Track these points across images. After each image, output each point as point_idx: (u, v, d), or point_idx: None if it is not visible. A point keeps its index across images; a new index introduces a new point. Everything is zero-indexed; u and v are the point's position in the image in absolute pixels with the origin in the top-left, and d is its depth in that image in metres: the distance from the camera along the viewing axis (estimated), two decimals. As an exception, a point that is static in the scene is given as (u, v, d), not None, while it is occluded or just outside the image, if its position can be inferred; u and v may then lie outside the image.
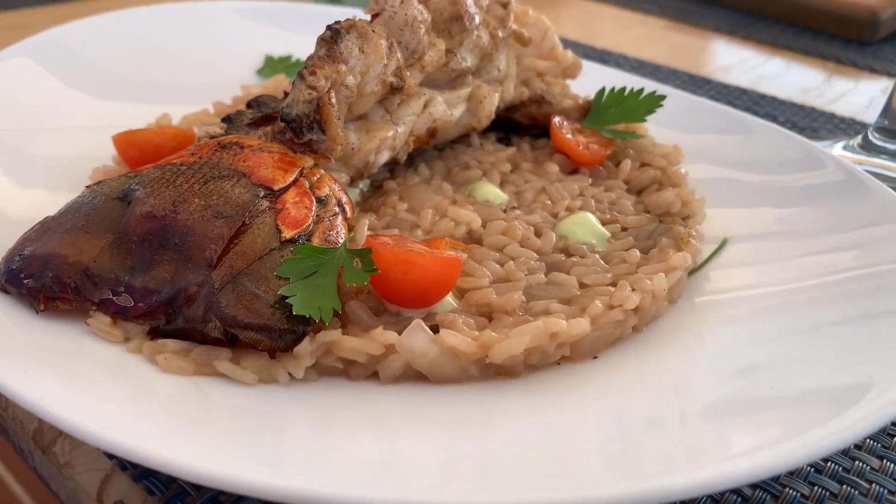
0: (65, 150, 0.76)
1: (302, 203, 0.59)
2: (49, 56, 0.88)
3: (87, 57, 0.91)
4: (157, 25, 1.00)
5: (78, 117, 0.81)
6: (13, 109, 0.78)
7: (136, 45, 0.97)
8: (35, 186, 0.70)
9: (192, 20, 1.04)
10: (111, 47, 0.94)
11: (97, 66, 0.91)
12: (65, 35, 0.92)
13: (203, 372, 0.52)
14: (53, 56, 0.89)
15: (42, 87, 0.84)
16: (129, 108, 0.85)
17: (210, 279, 0.53)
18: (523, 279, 0.61)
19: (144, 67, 0.94)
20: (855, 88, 1.25)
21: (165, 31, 1.00)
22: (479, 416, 0.53)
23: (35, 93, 0.83)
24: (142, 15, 1.02)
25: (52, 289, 0.54)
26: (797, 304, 0.63)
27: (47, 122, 0.80)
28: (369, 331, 0.54)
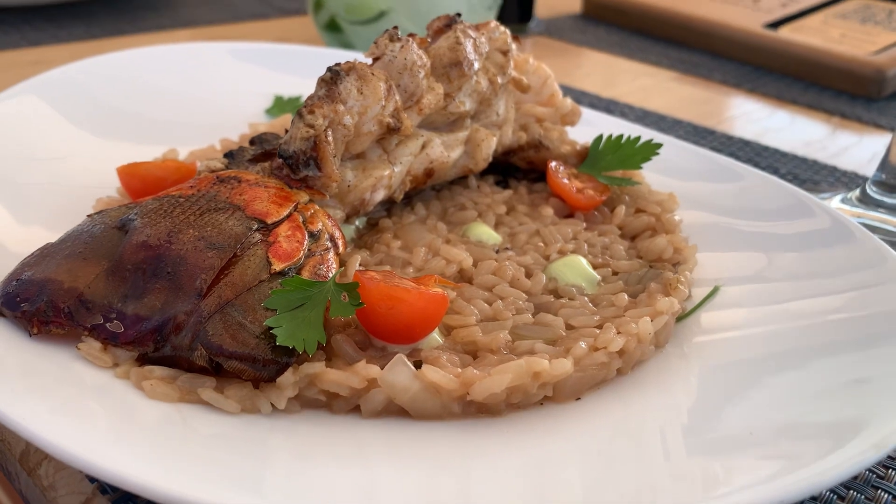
0: (72, 180, 0.78)
1: (294, 237, 0.60)
2: (67, 91, 0.91)
3: (104, 93, 0.94)
4: (171, 65, 1.03)
5: (88, 151, 0.84)
6: (25, 142, 0.81)
7: (150, 82, 1.00)
8: (41, 214, 0.72)
9: (204, 61, 1.07)
10: (126, 85, 0.97)
11: (112, 103, 0.93)
12: (80, 72, 0.95)
13: (187, 399, 0.53)
14: (71, 92, 0.91)
15: (50, 123, 0.86)
16: (140, 144, 0.88)
17: (199, 308, 0.54)
18: (510, 319, 0.62)
19: (157, 105, 0.96)
20: (858, 143, 1.25)
21: (179, 70, 1.03)
22: (460, 452, 0.53)
23: (50, 127, 0.85)
24: (156, 54, 1.05)
25: (45, 313, 0.56)
26: (784, 348, 0.63)
27: (59, 154, 0.82)
28: (353, 364, 0.55)
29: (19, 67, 1.20)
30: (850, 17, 1.68)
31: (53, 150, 0.82)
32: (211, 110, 0.99)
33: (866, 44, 1.55)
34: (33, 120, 0.85)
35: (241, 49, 1.10)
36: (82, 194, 0.75)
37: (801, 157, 1.16)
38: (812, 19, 1.68)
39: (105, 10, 1.53)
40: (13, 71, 1.18)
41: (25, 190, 0.74)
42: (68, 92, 0.91)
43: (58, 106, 0.88)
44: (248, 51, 1.10)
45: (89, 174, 0.79)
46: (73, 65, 0.96)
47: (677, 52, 1.66)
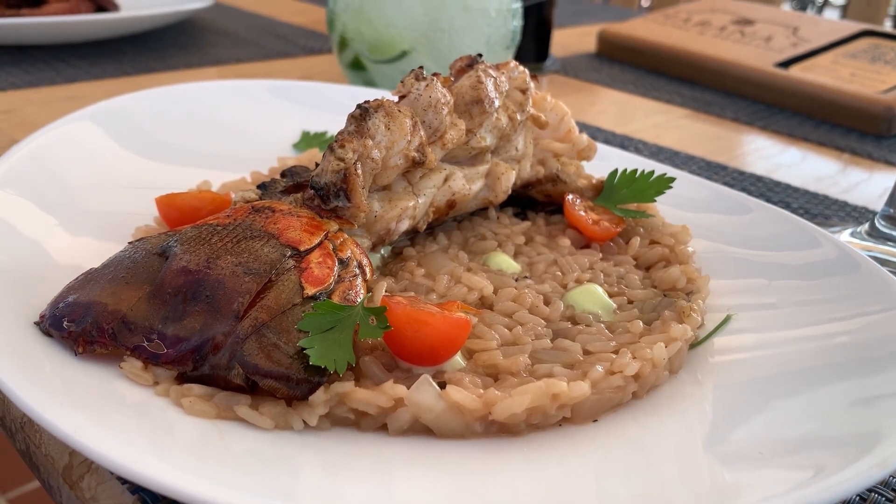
0: (112, 207, 0.82)
1: (325, 263, 0.63)
2: (108, 122, 0.95)
3: (148, 126, 0.98)
4: (205, 100, 1.08)
5: (126, 179, 0.88)
6: (72, 167, 0.85)
7: (184, 116, 1.04)
8: (84, 238, 0.76)
9: (236, 97, 1.11)
10: (167, 118, 1.01)
11: (154, 136, 0.98)
12: (124, 104, 0.99)
13: (224, 416, 0.56)
14: (112, 122, 0.96)
15: (98, 149, 0.90)
16: (176, 174, 0.92)
17: (236, 330, 0.57)
18: (529, 343, 0.64)
19: (193, 137, 1.01)
20: (869, 179, 1.28)
21: (212, 105, 1.07)
22: (482, 470, 0.56)
23: (91, 154, 0.89)
24: (191, 90, 1.10)
25: (90, 333, 0.59)
26: (793, 371, 0.65)
27: (100, 181, 0.86)
28: (380, 384, 0.58)
29: (56, 102, 1.25)
30: (859, 57, 1.72)
31: (98, 179, 0.86)
32: (242, 144, 1.03)
33: (876, 82, 1.58)
34: (82, 148, 0.89)
35: (275, 86, 1.15)
36: (122, 221, 0.78)
37: (812, 193, 1.18)
38: (822, 59, 1.72)
39: (134, 47, 1.59)
40: (51, 106, 1.23)
41: (69, 213, 0.78)
42: (114, 124, 0.96)
43: (103, 137, 0.92)
44: (281, 88, 1.15)
45: (128, 202, 0.83)
46: (124, 97, 1.00)
47: (689, 91, 1.70)
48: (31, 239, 0.73)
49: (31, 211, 0.77)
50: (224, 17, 1.90)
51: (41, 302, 0.65)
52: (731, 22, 1.92)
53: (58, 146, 0.87)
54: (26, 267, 0.70)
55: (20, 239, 0.73)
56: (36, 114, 1.20)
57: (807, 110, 1.58)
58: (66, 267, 0.71)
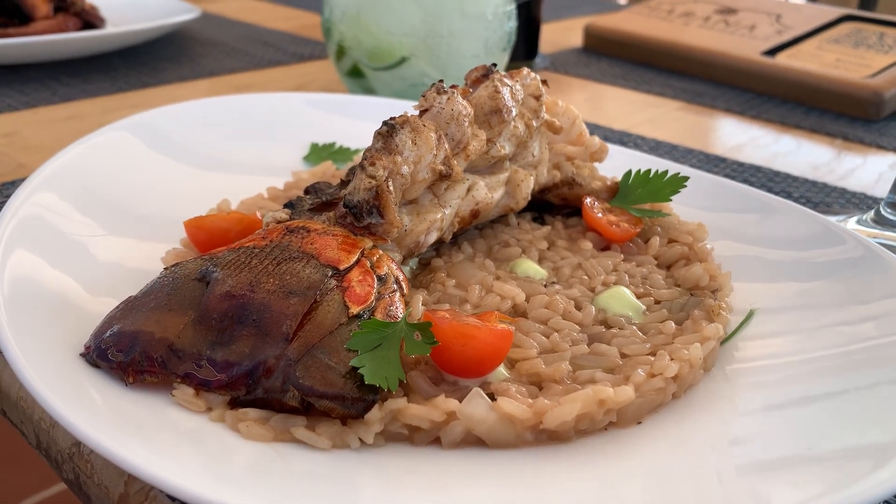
0: (136, 231, 0.82)
1: (365, 281, 0.64)
2: (125, 145, 0.96)
3: (161, 144, 0.99)
4: (206, 117, 1.08)
5: (146, 202, 0.88)
6: (90, 191, 0.85)
7: (187, 134, 1.04)
8: (112, 265, 0.76)
9: (239, 111, 1.11)
10: (177, 136, 1.01)
11: (166, 154, 0.98)
12: (127, 128, 0.99)
13: (281, 438, 0.57)
14: (128, 145, 0.96)
15: (111, 173, 0.90)
16: (190, 194, 0.92)
17: (287, 352, 0.58)
18: (568, 350, 0.66)
19: (202, 155, 1.01)
20: (864, 164, 1.31)
21: (214, 122, 1.07)
22: (534, 478, 0.57)
23: (113, 177, 0.89)
24: (191, 108, 1.09)
25: (140, 363, 0.60)
26: (823, 371, 0.67)
27: (116, 208, 0.86)
28: (430, 399, 0.59)
29: (56, 123, 1.25)
30: (842, 42, 1.75)
31: (113, 206, 0.86)
32: (251, 159, 1.03)
33: (861, 67, 1.61)
34: (100, 169, 0.89)
35: (279, 98, 1.15)
36: (147, 246, 0.79)
37: (811, 181, 1.21)
38: (807, 45, 1.75)
39: (125, 62, 1.58)
40: (52, 127, 1.23)
41: (97, 242, 0.78)
42: (126, 146, 0.96)
43: (113, 161, 0.92)
44: (284, 99, 1.15)
45: (151, 226, 0.83)
46: (119, 123, 1.00)
47: (679, 82, 1.72)
48: (61, 269, 0.73)
49: (57, 239, 0.77)
50: (210, 27, 1.90)
51: (81, 331, 0.66)
52: (714, 12, 1.94)
53: (72, 172, 0.87)
54: (62, 296, 0.70)
55: (50, 269, 0.73)
56: (38, 136, 1.19)
57: (796, 97, 1.60)
58: (100, 294, 0.72)
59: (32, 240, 0.74)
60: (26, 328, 0.63)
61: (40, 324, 0.65)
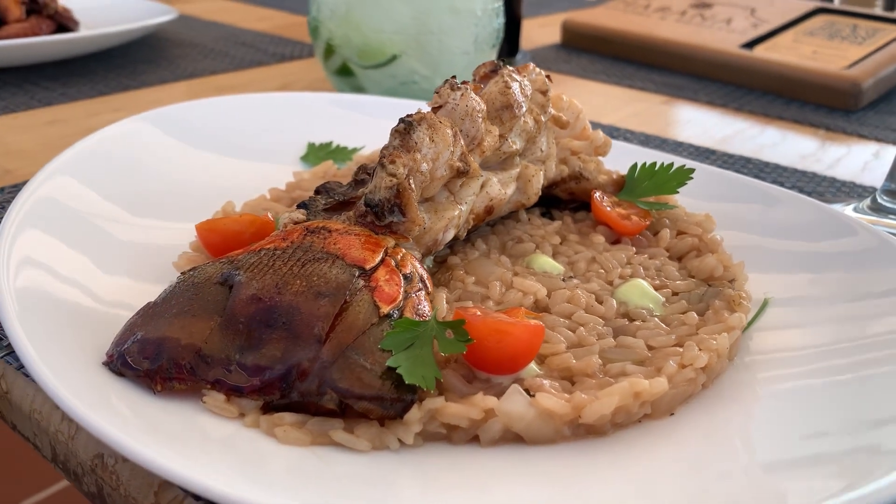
0: (142, 237, 0.81)
1: (393, 280, 0.63)
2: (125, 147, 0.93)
3: (161, 147, 0.96)
4: (194, 120, 1.05)
5: (154, 204, 0.86)
6: (98, 196, 0.83)
7: (179, 137, 1.02)
8: (119, 274, 0.74)
9: (228, 112, 1.09)
10: (176, 138, 0.99)
11: (166, 158, 0.96)
12: (114, 136, 0.97)
13: (319, 441, 0.56)
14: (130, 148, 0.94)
15: (110, 177, 0.88)
16: (193, 197, 0.90)
17: (321, 354, 0.57)
18: (596, 343, 0.66)
19: (192, 159, 0.99)
20: (848, 154, 1.33)
21: (204, 124, 1.05)
22: (573, 473, 0.57)
23: (107, 183, 0.87)
24: (176, 112, 1.06)
25: (168, 370, 0.58)
26: (842, 363, 0.68)
27: (119, 213, 0.84)
28: (466, 397, 0.59)
29: (38, 128, 1.22)
30: (817, 34, 1.78)
31: (115, 210, 0.84)
32: (246, 161, 1.02)
33: (837, 59, 1.64)
34: (90, 176, 0.87)
35: (268, 98, 1.14)
36: (155, 251, 0.77)
37: (801, 171, 1.23)
38: (783, 38, 1.77)
39: (102, 65, 1.55)
40: (34, 132, 1.20)
41: (103, 249, 0.77)
42: (117, 153, 0.93)
43: (114, 164, 0.90)
44: (274, 99, 1.14)
45: (157, 230, 0.82)
46: (113, 127, 0.98)
47: (660, 77, 1.73)
48: (70, 275, 0.71)
49: (61, 248, 0.75)
50: (186, 28, 1.86)
51: (97, 338, 0.64)
52: (689, 6, 1.96)
53: (74, 176, 0.85)
54: (73, 305, 0.68)
55: (60, 278, 0.71)
56: (21, 141, 1.16)
57: (775, 89, 1.63)
58: (111, 299, 0.70)
59: (38, 244, 0.72)
60: (43, 338, 0.61)
61: (55, 332, 0.63)
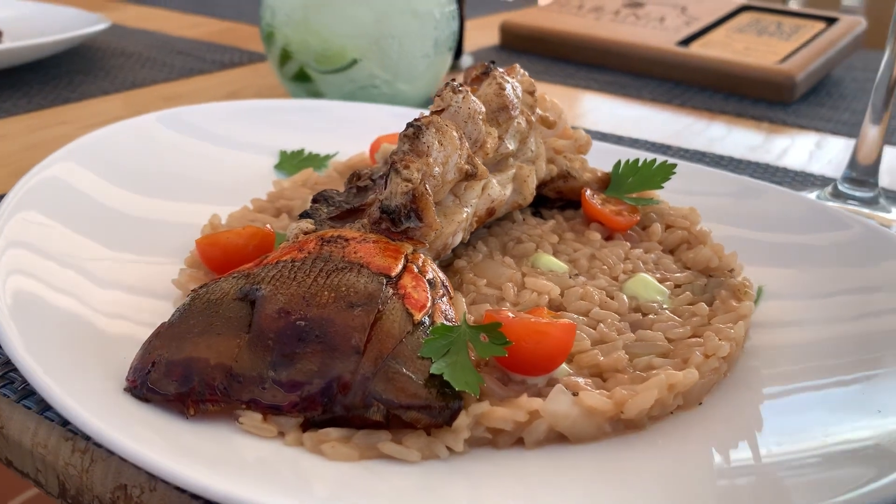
0: (128, 253, 0.77)
1: (420, 286, 0.62)
2: (89, 162, 0.89)
3: (124, 162, 0.92)
4: (156, 134, 1.02)
5: (129, 220, 0.83)
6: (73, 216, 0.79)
7: (144, 153, 0.98)
8: (114, 290, 0.71)
9: (191, 123, 1.06)
10: (138, 152, 0.95)
11: (133, 171, 0.92)
12: (98, 141, 0.92)
13: (367, 455, 0.54)
14: (93, 162, 0.89)
15: (88, 193, 0.84)
16: (171, 211, 0.87)
17: (361, 366, 0.56)
18: (619, 339, 0.66)
19: (167, 170, 0.95)
20: (793, 144, 1.39)
21: (172, 136, 1.01)
22: (617, 467, 0.57)
23: (84, 200, 0.83)
24: (133, 127, 1.01)
25: (200, 392, 0.56)
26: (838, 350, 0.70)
27: (106, 224, 0.80)
28: (505, 400, 0.58)
29: (-20, 146, 1.15)
30: (746, 31, 1.85)
31: (96, 223, 0.80)
32: (218, 172, 0.98)
33: (769, 54, 1.71)
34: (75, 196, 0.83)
35: (228, 108, 1.10)
36: (141, 269, 0.74)
37: (755, 163, 1.27)
38: (715, 35, 1.84)
39: (39, 78, 1.47)
40: (-24, 150, 1.13)
41: (84, 262, 0.73)
42: (96, 163, 0.89)
43: (89, 179, 0.86)
44: (235, 108, 1.10)
45: (144, 246, 0.78)
46: (88, 137, 0.93)
47: (601, 76, 1.77)
48: (65, 296, 0.68)
49: (51, 267, 0.71)
50: (117, 37, 1.79)
51: (107, 362, 0.61)
52: (622, 6, 2.01)
53: (48, 193, 0.81)
54: (75, 325, 0.65)
55: (54, 297, 0.67)
56: (-37, 160, 1.09)
57: (713, 84, 1.68)
58: (110, 314, 0.67)
59: (30, 266, 0.68)
60: (54, 365, 0.58)
61: (69, 361, 0.60)
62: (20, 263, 0.68)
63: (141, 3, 2.20)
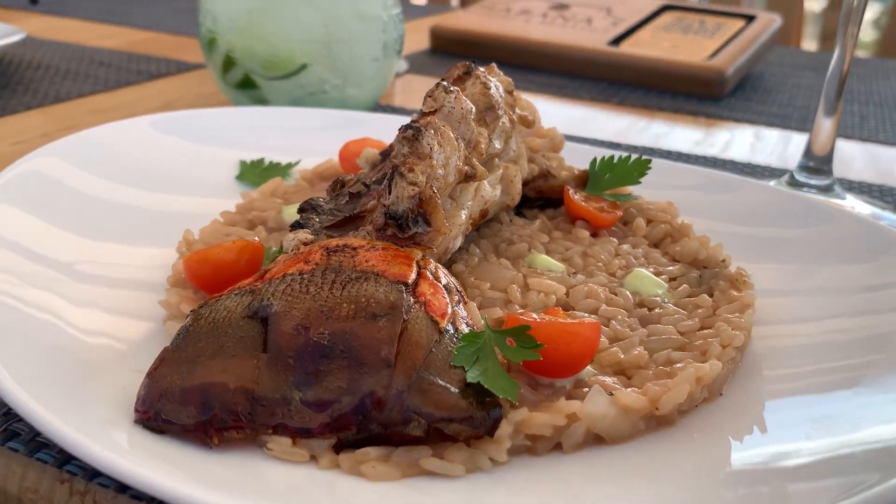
0: (102, 273, 0.72)
1: (438, 293, 0.60)
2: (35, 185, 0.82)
3: (72, 182, 0.86)
4: (113, 145, 0.95)
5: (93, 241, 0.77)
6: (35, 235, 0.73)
7: (101, 165, 0.91)
8: (93, 309, 0.66)
9: (141, 137, 1.00)
10: (85, 170, 0.89)
11: (80, 190, 0.85)
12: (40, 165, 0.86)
13: (409, 473, 0.52)
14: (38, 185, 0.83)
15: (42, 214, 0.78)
16: (137, 227, 0.82)
17: (395, 379, 0.53)
18: (634, 335, 0.66)
19: (123, 186, 0.89)
20: (733, 137, 1.43)
21: (125, 150, 0.95)
22: (652, 466, 0.56)
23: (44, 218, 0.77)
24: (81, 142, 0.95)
25: (222, 420, 0.52)
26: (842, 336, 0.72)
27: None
28: (538, 405, 0.57)
29: None
30: (671, 30, 1.90)
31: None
32: (177, 185, 0.93)
33: (697, 51, 1.76)
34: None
35: (166, 119, 1.05)
36: (120, 290, 0.69)
37: (704, 156, 1.30)
38: (642, 34, 1.88)
39: (-53, 94, 1.37)
40: None
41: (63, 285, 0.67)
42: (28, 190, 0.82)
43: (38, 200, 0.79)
44: (169, 119, 1.05)
45: (111, 263, 0.73)
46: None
47: (537, 77, 1.78)
48: (46, 326, 0.62)
49: (23, 291, 0.65)
50: (31, 49, 1.68)
51: (106, 393, 0.57)
52: (549, 8, 2.03)
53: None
54: (61, 356, 0.59)
55: (31, 333, 0.61)
56: None
57: (647, 83, 1.72)
58: (100, 350, 0.62)
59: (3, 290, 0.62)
60: (51, 398, 0.53)
61: (59, 391, 0.55)
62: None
63: (49, 14, 2.08)
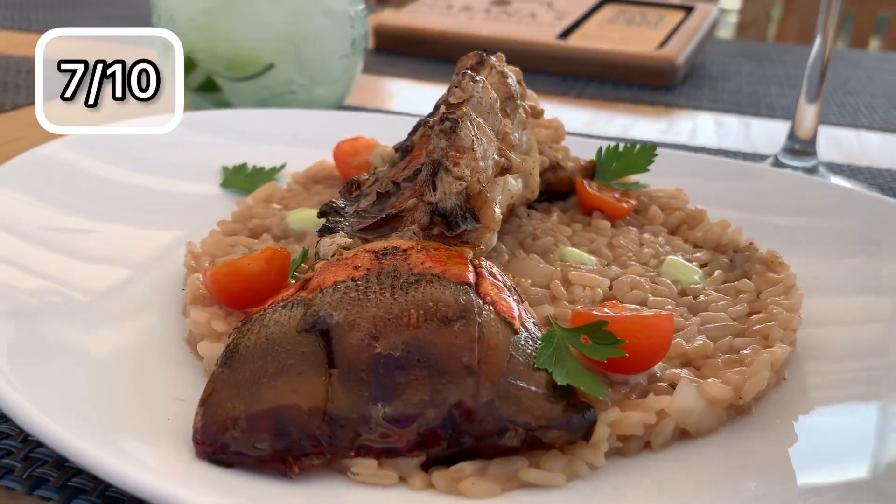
0: (110, 300, 0.65)
1: (501, 292, 0.56)
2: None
3: (54, 192, 0.78)
4: (93, 155, 0.88)
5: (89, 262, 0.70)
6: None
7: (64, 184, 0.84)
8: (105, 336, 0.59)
9: (116, 146, 0.92)
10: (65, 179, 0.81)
11: (64, 204, 0.78)
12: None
13: (508, 487, 0.48)
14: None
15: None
16: (133, 241, 0.75)
17: (482, 387, 0.49)
18: (691, 324, 0.64)
19: (103, 200, 0.82)
20: (696, 125, 1.44)
21: (106, 158, 0.88)
22: (747, 456, 0.54)
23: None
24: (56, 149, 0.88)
25: (301, 446, 0.47)
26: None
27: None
28: (623, 403, 0.54)
29: None
30: (616, 22, 1.91)
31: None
32: (164, 196, 0.86)
33: (644, 42, 1.77)
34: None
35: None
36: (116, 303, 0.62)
37: (677, 144, 1.30)
38: (588, 28, 1.88)
39: None
40: None
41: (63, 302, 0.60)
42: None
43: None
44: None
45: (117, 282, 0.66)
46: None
47: (489, 72, 1.75)
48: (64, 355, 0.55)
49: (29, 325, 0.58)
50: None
51: (148, 424, 0.51)
52: (491, 4, 2.02)
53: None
54: (84, 384, 0.53)
55: (50, 364, 0.55)
56: None
57: (599, 75, 1.72)
58: (124, 374, 0.56)
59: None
60: (91, 433, 0.47)
61: (97, 425, 0.49)
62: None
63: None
